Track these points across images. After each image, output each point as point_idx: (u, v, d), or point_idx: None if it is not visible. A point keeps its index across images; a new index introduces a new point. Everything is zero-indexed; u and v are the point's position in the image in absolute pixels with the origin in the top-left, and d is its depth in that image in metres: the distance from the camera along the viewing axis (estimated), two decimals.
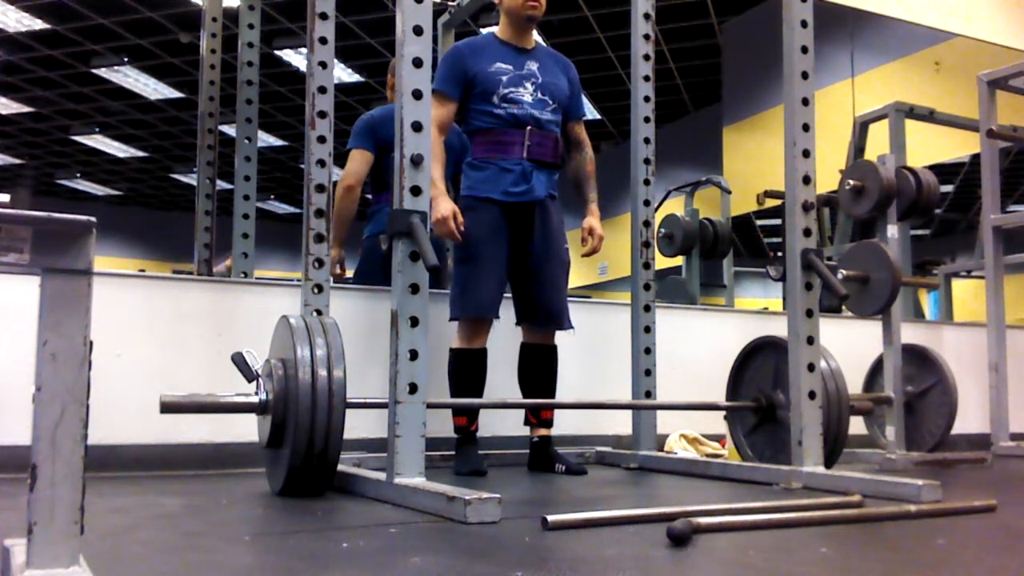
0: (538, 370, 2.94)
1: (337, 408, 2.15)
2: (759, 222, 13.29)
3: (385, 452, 2.12)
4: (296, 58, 10.03)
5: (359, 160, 3.38)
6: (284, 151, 13.92)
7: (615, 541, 1.65)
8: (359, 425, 2.87)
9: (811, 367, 2.58)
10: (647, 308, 3.16)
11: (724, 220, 6.12)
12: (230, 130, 3.85)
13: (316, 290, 2.64)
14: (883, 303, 3.37)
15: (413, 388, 2.09)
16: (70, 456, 1.05)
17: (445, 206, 2.68)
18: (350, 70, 10.36)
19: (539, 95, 2.88)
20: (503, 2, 2.91)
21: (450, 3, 3.99)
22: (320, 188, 2.67)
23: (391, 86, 3.62)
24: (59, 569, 1.04)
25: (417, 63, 2.17)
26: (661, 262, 4.01)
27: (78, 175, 15.79)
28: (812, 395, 2.56)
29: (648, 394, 3.11)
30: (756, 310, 6.08)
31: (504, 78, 2.84)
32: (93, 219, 1.07)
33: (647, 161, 3.20)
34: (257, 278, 3.46)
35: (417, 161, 2.13)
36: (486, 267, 2.81)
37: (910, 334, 3.98)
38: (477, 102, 2.85)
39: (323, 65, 2.70)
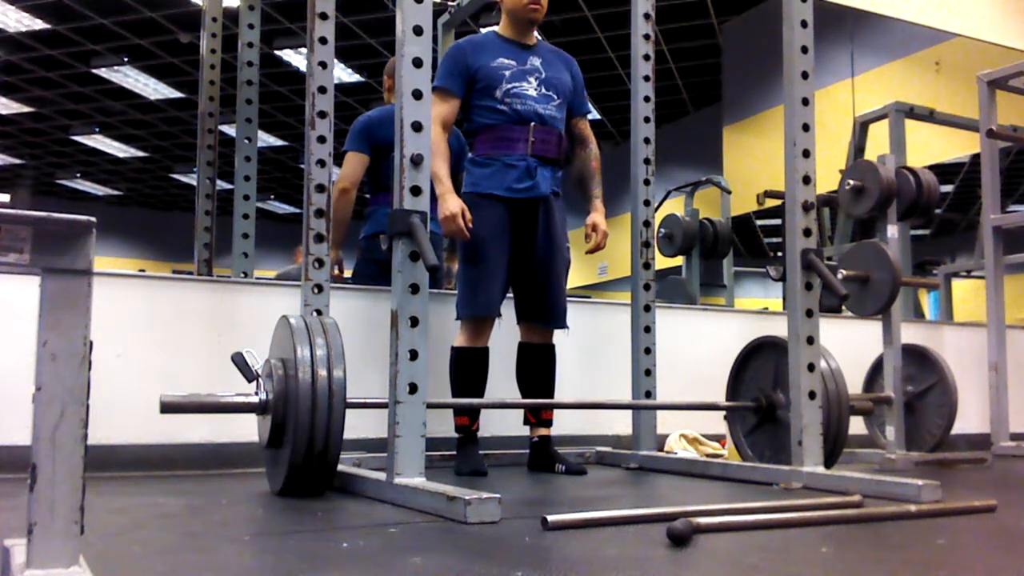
0: (537, 369, 2.94)
1: (337, 408, 2.15)
2: (759, 222, 13.28)
3: (385, 452, 2.12)
4: (296, 58, 10.03)
5: (353, 163, 3.38)
6: (284, 151, 13.93)
7: (615, 541, 1.65)
8: (359, 425, 2.87)
9: (811, 367, 2.58)
10: (647, 308, 3.16)
11: (724, 220, 6.13)
12: (230, 130, 3.85)
13: (316, 290, 2.64)
14: (883, 303, 3.37)
15: (413, 388, 2.09)
16: (70, 456, 1.05)
17: (453, 203, 2.67)
18: (350, 70, 10.36)
19: (543, 90, 2.87)
20: (505, 2, 2.91)
21: (450, 3, 3.99)
22: (320, 188, 2.67)
23: (388, 88, 3.62)
24: (59, 569, 1.04)
25: (417, 63, 2.17)
26: (661, 262, 4.01)
27: (78, 175, 15.79)
28: (812, 395, 2.56)
29: (648, 394, 3.11)
30: (756, 310, 6.09)
31: (507, 73, 2.84)
32: (93, 219, 1.07)
33: (647, 161, 3.20)
34: (257, 278, 3.46)
35: (417, 161, 2.13)
36: (492, 266, 2.80)
37: (910, 334, 3.98)
38: (480, 98, 2.84)
39: (323, 65, 2.70)
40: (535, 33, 3.01)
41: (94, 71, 10.59)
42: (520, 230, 2.85)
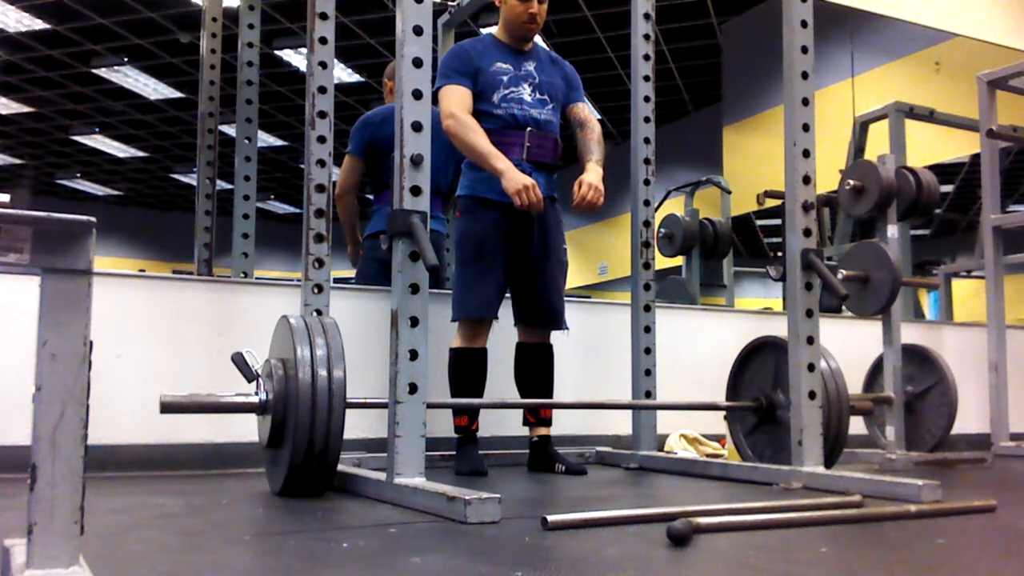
0: (536, 369, 2.94)
1: (337, 408, 2.15)
2: (759, 222, 13.27)
3: (385, 452, 2.12)
4: (296, 58, 10.03)
5: (348, 168, 3.43)
6: (284, 151, 13.92)
7: (615, 541, 1.65)
8: (359, 425, 2.87)
9: (811, 367, 2.58)
10: (647, 308, 3.16)
11: (724, 220, 6.13)
12: (230, 130, 3.85)
13: (316, 290, 2.64)
14: (883, 303, 3.37)
15: (413, 388, 2.09)
16: (70, 456, 1.05)
17: (521, 176, 2.63)
18: (350, 70, 10.36)
19: (537, 95, 2.89)
20: (503, 14, 2.92)
21: (450, 3, 3.99)
22: (320, 188, 2.67)
23: (390, 90, 3.63)
24: (59, 569, 1.04)
25: (417, 63, 2.17)
26: (661, 262, 4.01)
27: (78, 175, 15.79)
28: (812, 395, 2.56)
29: (648, 394, 3.11)
30: (756, 310, 6.08)
31: (504, 78, 2.85)
32: (93, 219, 1.07)
33: (647, 161, 3.20)
34: (257, 278, 3.46)
35: (417, 161, 2.13)
36: (487, 268, 2.81)
37: (910, 334, 3.98)
38: (477, 101, 2.84)
39: (323, 65, 2.70)
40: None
41: (94, 71, 10.59)
42: (516, 234, 2.85)
